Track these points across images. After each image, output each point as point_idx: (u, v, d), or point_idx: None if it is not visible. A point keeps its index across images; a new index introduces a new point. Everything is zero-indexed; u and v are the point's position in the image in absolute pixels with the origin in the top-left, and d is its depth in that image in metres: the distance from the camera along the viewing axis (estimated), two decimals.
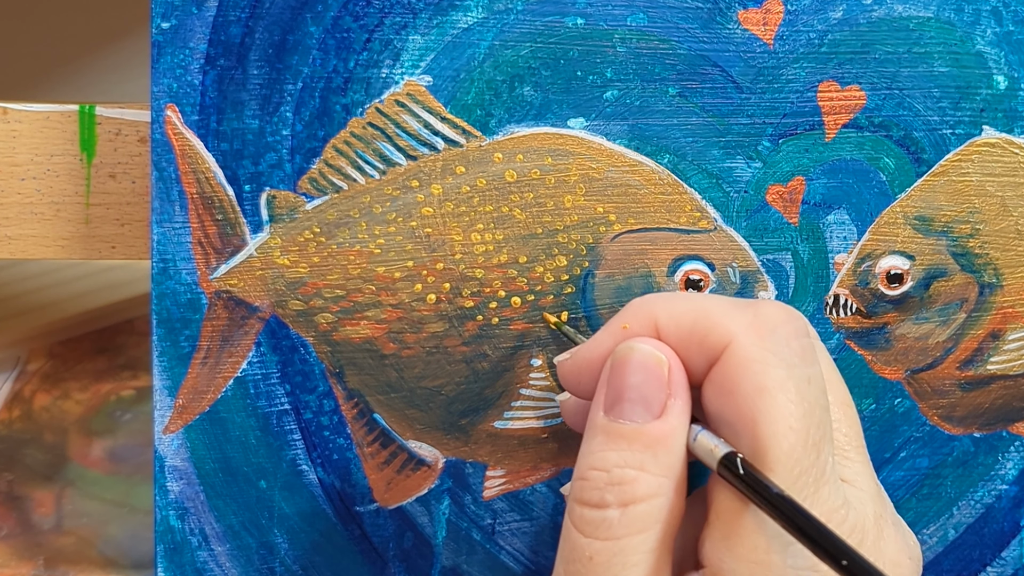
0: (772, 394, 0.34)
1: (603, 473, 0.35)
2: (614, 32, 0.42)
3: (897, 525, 0.38)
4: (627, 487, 0.34)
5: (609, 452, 0.35)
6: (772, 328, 0.35)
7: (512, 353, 0.42)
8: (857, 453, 0.37)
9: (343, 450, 0.43)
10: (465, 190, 0.42)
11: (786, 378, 0.34)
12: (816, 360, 0.35)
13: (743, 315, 0.35)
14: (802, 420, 0.34)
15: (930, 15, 0.42)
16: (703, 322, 0.35)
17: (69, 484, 0.53)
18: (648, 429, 0.35)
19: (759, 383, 0.34)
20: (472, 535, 0.44)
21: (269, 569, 0.43)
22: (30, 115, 0.44)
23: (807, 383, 0.34)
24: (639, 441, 0.35)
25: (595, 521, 0.34)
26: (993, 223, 0.43)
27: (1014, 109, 0.43)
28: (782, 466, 0.33)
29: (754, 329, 0.35)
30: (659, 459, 0.34)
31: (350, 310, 0.42)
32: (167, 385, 0.42)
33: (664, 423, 0.35)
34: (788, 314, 0.35)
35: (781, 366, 0.34)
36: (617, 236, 0.42)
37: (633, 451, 0.34)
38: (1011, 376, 0.45)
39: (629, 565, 0.34)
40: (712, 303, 0.36)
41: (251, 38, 0.41)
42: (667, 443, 0.35)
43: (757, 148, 0.43)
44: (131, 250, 0.45)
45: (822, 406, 0.35)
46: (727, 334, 0.35)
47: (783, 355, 0.34)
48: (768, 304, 0.36)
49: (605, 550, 0.34)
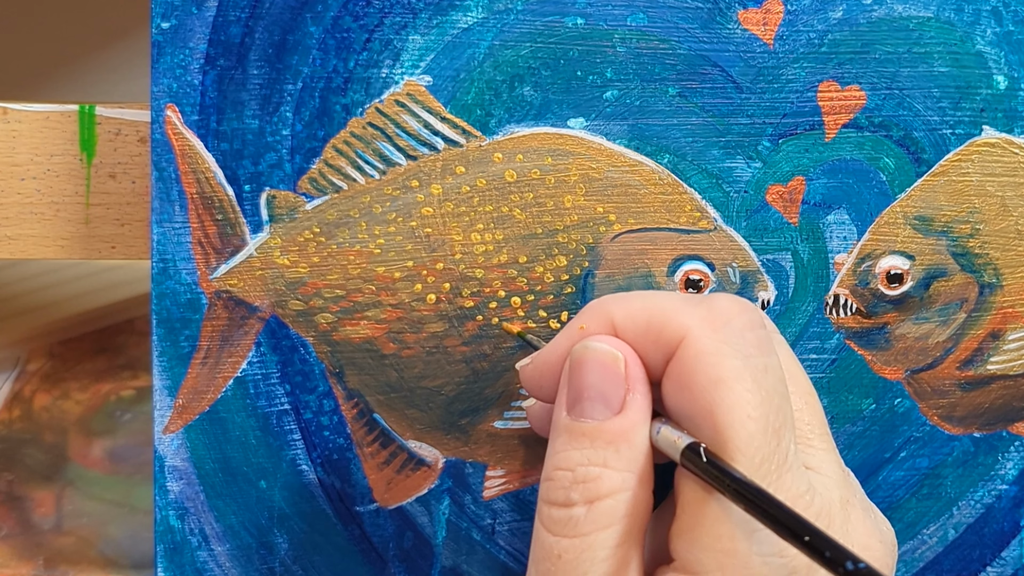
0: (729, 384, 0.34)
1: (568, 472, 0.35)
2: (614, 32, 0.42)
3: (867, 510, 0.38)
4: (591, 484, 0.35)
5: (572, 451, 0.35)
6: (726, 320, 0.35)
7: (512, 353, 0.42)
8: (821, 440, 0.38)
9: (343, 450, 0.43)
10: (465, 190, 0.42)
11: (742, 368, 0.34)
12: (772, 350, 0.36)
13: (697, 310, 0.35)
14: (760, 408, 0.34)
15: (930, 15, 0.42)
16: (658, 318, 0.36)
17: (69, 484, 0.53)
18: (608, 426, 0.35)
19: (715, 374, 0.34)
20: (472, 535, 0.44)
21: (269, 569, 0.43)
22: (30, 115, 0.44)
23: (763, 372, 0.35)
24: (600, 438, 0.35)
25: (562, 520, 0.35)
26: (993, 223, 0.43)
27: (1014, 109, 0.43)
28: (743, 455, 0.34)
29: (708, 322, 0.35)
30: (621, 454, 0.35)
31: (350, 310, 0.42)
32: (167, 385, 0.42)
33: (624, 418, 0.35)
34: (741, 307, 0.36)
35: (737, 356, 0.34)
36: (617, 236, 0.42)
37: (596, 448, 0.35)
38: (1011, 376, 0.45)
39: (597, 560, 0.34)
40: (666, 300, 0.36)
41: (251, 38, 0.41)
42: (629, 438, 0.35)
43: (757, 148, 0.43)
44: (131, 250, 0.45)
45: (780, 394, 0.35)
46: (681, 328, 0.35)
47: (738, 346, 0.35)
48: (722, 297, 0.36)
49: (573, 547, 0.35)
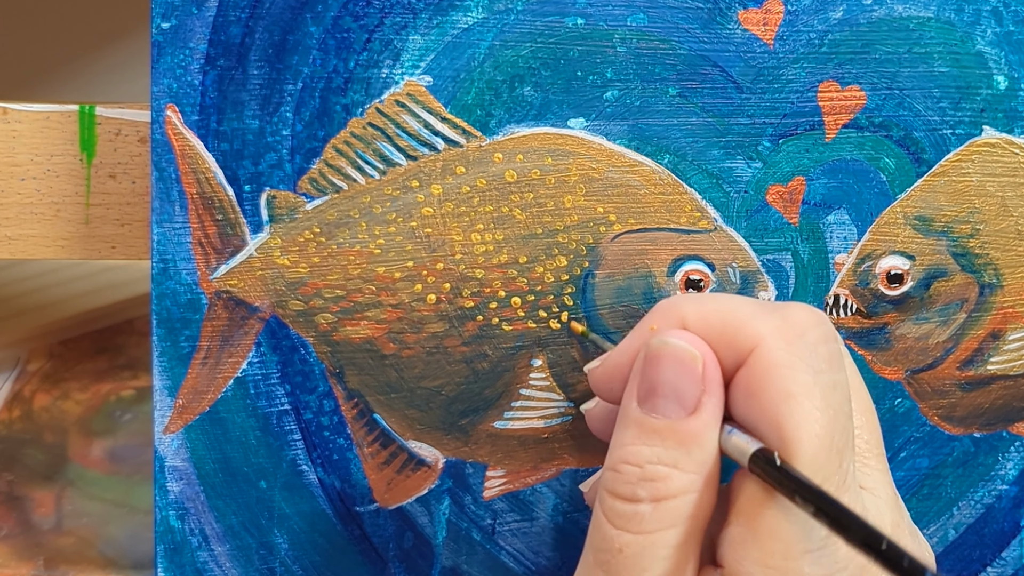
0: (798, 400, 0.34)
1: (636, 468, 0.35)
2: (614, 32, 0.42)
3: (914, 535, 0.38)
4: (660, 484, 0.34)
5: (642, 447, 0.35)
6: (800, 332, 0.35)
7: (512, 353, 0.42)
8: (877, 460, 0.37)
9: (343, 450, 0.43)
10: (465, 190, 0.42)
11: (812, 384, 0.34)
12: (842, 366, 0.35)
13: (771, 318, 0.35)
14: (827, 427, 0.34)
15: (930, 15, 0.42)
16: (731, 323, 0.35)
17: (69, 484, 0.53)
18: (682, 426, 0.35)
19: (786, 388, 0.34)
20: (472, 535, 0.44)
21: (269, 569, 0.43)
22: (30, 115, 0.44)
23: (833, 389, 0.34)
24: (673, 438, 0.35)
25: (627, 514, 0.35)
26: (993, 223, 0.43)
27: (1014, 109, 0.43)
28: (805, 471, 0.33)
29: (782, 333, 0.35)
30: (692, 456, 0.34)
31: (350, 310, 0.42)
32: (167, 385, 0.42)
33: (698, 420, 0.35)
34: (816, 319, 0.35)
35: (808, 371, 0.34)
36: (617, 236, 0.42)
37: (667, 448, 0.35)
38: (1011, 376, 0.44)
39: (659, 559, 0.34)
40: (740, 304, 0.36)
41: (251, 38, 0.41)
42: (700, 440, 0.35)
43: (757, 148, 0.43)
44: (131, 250, 0.45)
45: (846, 413, 0.35)
46: (755, 336, 0.35)
47: (810, 360, 0.34)
48: (797, 307, 0.35)
49: (635, 543, 0.34)
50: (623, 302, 0.42)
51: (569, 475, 0.44)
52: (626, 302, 0.42)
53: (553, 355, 0.42)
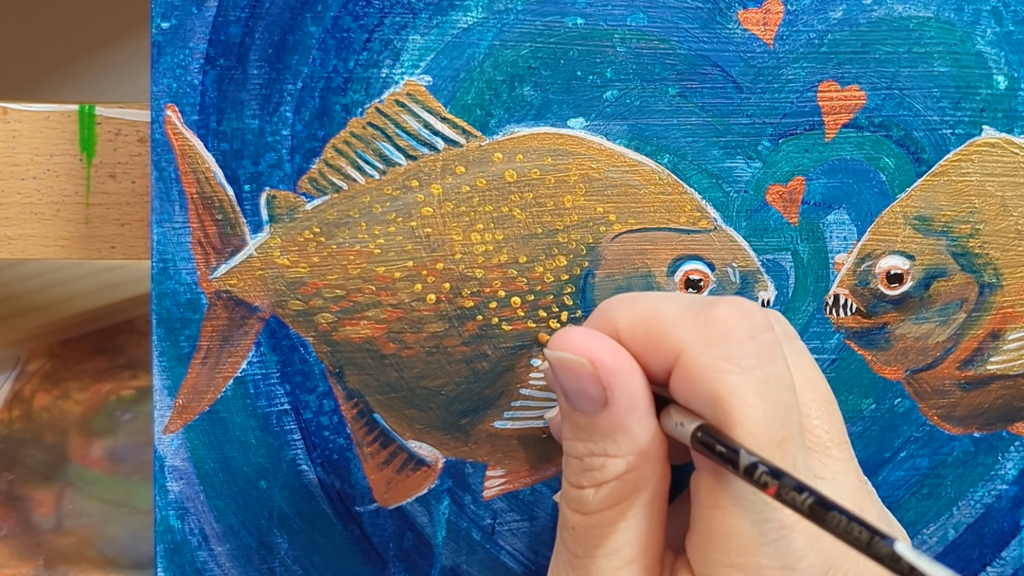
0: (727, 401, 0.34)
1: (577, 460, 0.36)
2: (614, 32, 0.42)
3: (883, 521, 0.38)
4: (597, 472, 0.36)
5: (576, 442, 0.36)
6: (724, 332, 0.34)
7: (512, 353, 0.42)
8: (839, 450, 0.37)
9: (343, 450, 0.43)
10: (465, 190, 0.42)
11: (740, 382, 0.34)
12: (776, 357, 0.35)
13: (694, 322, 0.35)
14: (761, 423, 0.34)
15: (930, 15, 0.42)
16: (656, 330, 0.35)
17: (69, 484, 0.53)
18: (599, 420, 0.36)
19: (712, 392, 0.34)
20: (472, 535, 0.44)
21: (269, 569, 0.43)
22: (30, 115, 0.44)
23: (764, 383, 0.34)
24: (596, 431, 0.36)
25: (575, 497, 0.37)
26: (993, 223, 0.43)
27: (1014, 109, 0.43)
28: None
29: (703, 337, 0.35)
30: (619, 443, 0.36)
31: (350, 310, 0.42)
32: (167, 385, 0.42)
33: (612, 411, 0.35)
34: (742, 314, 0.35)
35: (734, 371, 0.34)
36: (617, 236, 0.42)
37: (595, 440, 0.36)
38: (1011, 376, 0.45)
39: (606, 535, 0.36)
40: (667, 309, 0.36)
41: (251, 38, 0.41)
42: (623, 427, 0.35)
43: (757, 148, 0.43)
44: (131, 250, 0.45)
45: (785, 404, 0.35)
46: (677, 344, 0.35)
47: (735, 359, 0.34)
48: (722, 305, 0.35)
49: (584, 522, 0.36)
50: None
51: None
52: None
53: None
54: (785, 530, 0.34)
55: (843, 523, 0.30)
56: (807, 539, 0.34)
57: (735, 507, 0.34)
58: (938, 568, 0.28)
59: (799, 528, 0.34)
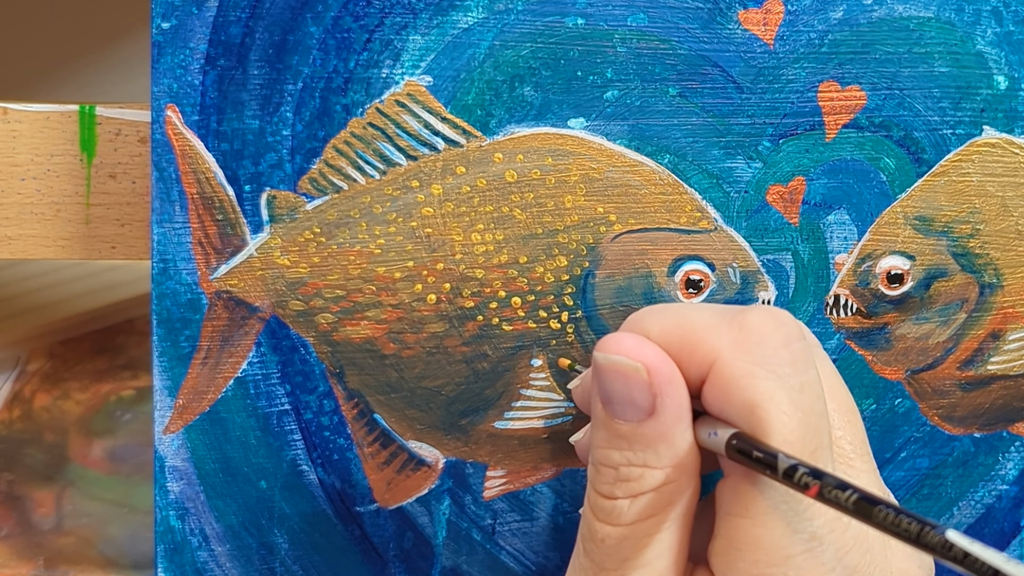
0: (763, 408, 0.34)
1: (611, 470, 0.36)
2: (614, 32, 0.42)
3: None
4: (634, 483, 0.35)
5: (612, 451, 0.36)
6: (759, 339, 0.35)
7: (512, 353, 0.42)
8: (862, 462, 0.37)
9: (343, 450, 0.43)
10: (465, 190, 0.42)
11: (776, 389, 0.34)
12: (809, 365, 0.35)
13: (728, 329, 0.35)
14: (796, 431, 0.34)
15: (930, 15, 0.42)
16: (689, 338, 0.35)
17: (69, 484, 0.53)
18: (643, 428, 0.35)
19: (748, 399, 0.34)
20: (472, 535, 0.44)
21: (269, 569, 0.43)
22: (30, 115, 0.44)
23: (799, 391, 0.34)
24: (638, 440, 0.35)
25: (606, 509, 0.36)
26: (993, 223, 0.43)
27: (1014, 109, 0.43)
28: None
29: (738, 343, 0.35)
30: (660, 454, 0.35)
31: (350, 310, 0.42)
32: (167, 385, 0.42)
33: (658, 421, 0.35)
34: (776, 321, 0.35)
35: (770, 378, 0.34)
36: (617, 236, 0.42)
37: (635, 450, 0.35)
38: (1011, 376, 0.45)
39: (638, 547, 0.35)
40: (699, 317, 0.36)
41: (251, 38, 0.41)
42: (666, 438, 0.35)
43: (757, 148, 0.43)
44: (131, 250, 0.45)
45: (818, 412, 0.35)
46: (712, 351, 0.35)
47: (771, 366, 0.34)
48: (755, 312, 0.35)
49: (615, 534, 0.36)
50: (623, 302, 0.42)
51: (569, 475, 0.44)
52: (626, 302, 0.42)
53: (553, 355, 0.42)
54: (814, 542, 0.34)
55: (890, 516, 0.30)
56: (835, 552, 0.34)
57: (765, 516, 0.34)
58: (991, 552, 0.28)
59: (828, 540, 0.34)
